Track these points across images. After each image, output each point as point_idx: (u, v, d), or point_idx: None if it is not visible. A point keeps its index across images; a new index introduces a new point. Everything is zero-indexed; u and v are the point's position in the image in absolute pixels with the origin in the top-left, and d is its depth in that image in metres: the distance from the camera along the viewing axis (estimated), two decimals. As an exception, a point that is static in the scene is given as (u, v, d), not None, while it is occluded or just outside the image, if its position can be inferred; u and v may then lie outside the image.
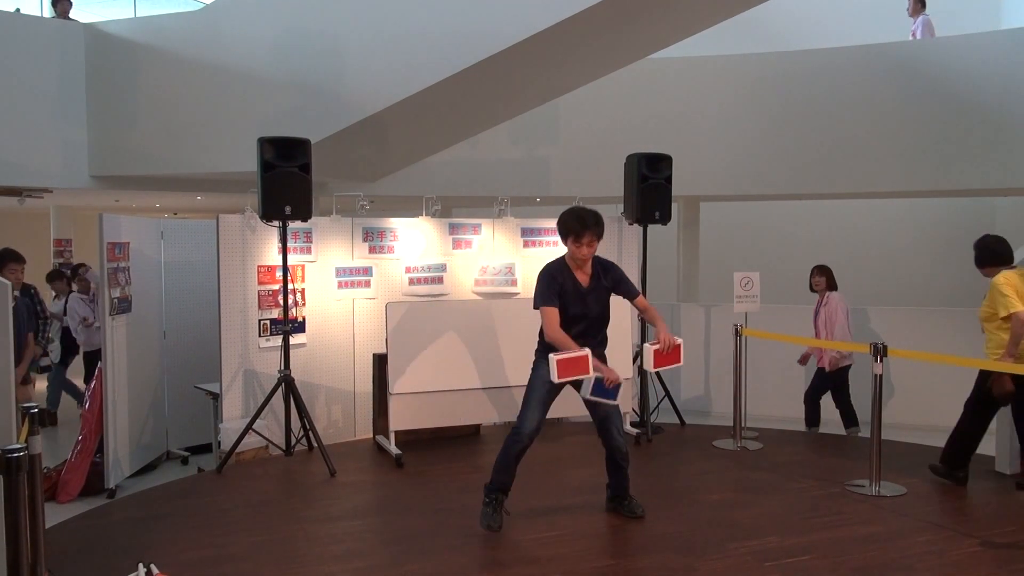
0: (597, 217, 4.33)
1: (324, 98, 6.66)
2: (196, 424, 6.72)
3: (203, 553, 4.18)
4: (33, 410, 3.27)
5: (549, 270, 4.40)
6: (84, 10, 10.42)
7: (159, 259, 6.67)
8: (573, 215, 4.32)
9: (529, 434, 4.33)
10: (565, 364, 4.09)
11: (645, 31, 5.99)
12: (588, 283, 4.41)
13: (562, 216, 4.38)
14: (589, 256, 4.36)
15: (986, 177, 8.90)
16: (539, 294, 4.34)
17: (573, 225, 4.29)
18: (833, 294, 6.73)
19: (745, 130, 9.55)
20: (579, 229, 4.27)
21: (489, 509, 4.39)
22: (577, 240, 4.29)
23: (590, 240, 4.30)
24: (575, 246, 4.31)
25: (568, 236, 4.32)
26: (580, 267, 4.40)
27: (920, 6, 10.16)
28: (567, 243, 4.35)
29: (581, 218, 4.28)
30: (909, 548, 4.17)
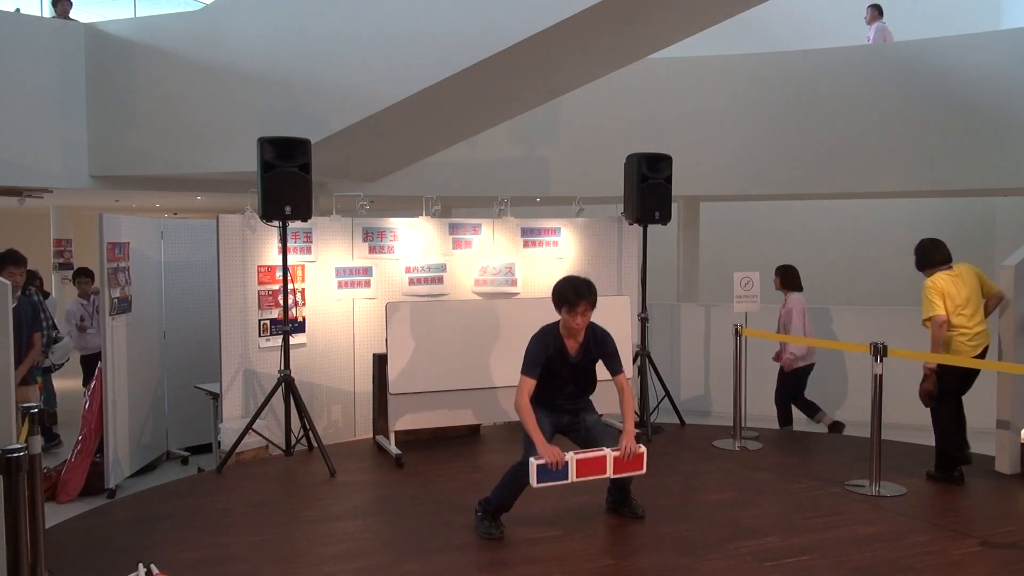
0: (591, 287, 4.29)
1: (324, 98, 6.66)
2: (196, 424, 6.72)
3: (203, 553, 4.18)
4: (33, 410, 3.27)
5: (541, 336, 4.37)
6: (84, 10, 10.43)
7: (159, 259, 6.67)
8: (568, 284, 4.28)
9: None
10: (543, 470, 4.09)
11: (645, 31, 5.99)
12: (576, 353, 4.38)
13: (557, 285, 4.34)
14: (583, 326, 4.32)
15: (986, 177, 8.90)
16: (525, 360, 4.33)
17: (568, 295, 4.25)
18: (793, 295, 6.75)
19: (745, 130, 9.56)
20: (574, 299, 4.23)
21: (486, 521, 4.40)
22: (571, 310, 4.24)
23: (584, 309, 4.25)
24: (569, 315, 4.25)
25: (562, 306, 4.27)
26: (572, 336, 4.36)
27: (877, 13, 10.35)
28: (560, 312, 4.31)
29: (575, 288, 4.25)
30: (909, 548, 4.17)
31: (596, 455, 4.21)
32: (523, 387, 4.27)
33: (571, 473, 4.14)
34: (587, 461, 4.18)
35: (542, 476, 4.10)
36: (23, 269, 6.10)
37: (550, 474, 4.10)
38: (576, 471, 4.14)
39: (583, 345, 4.38)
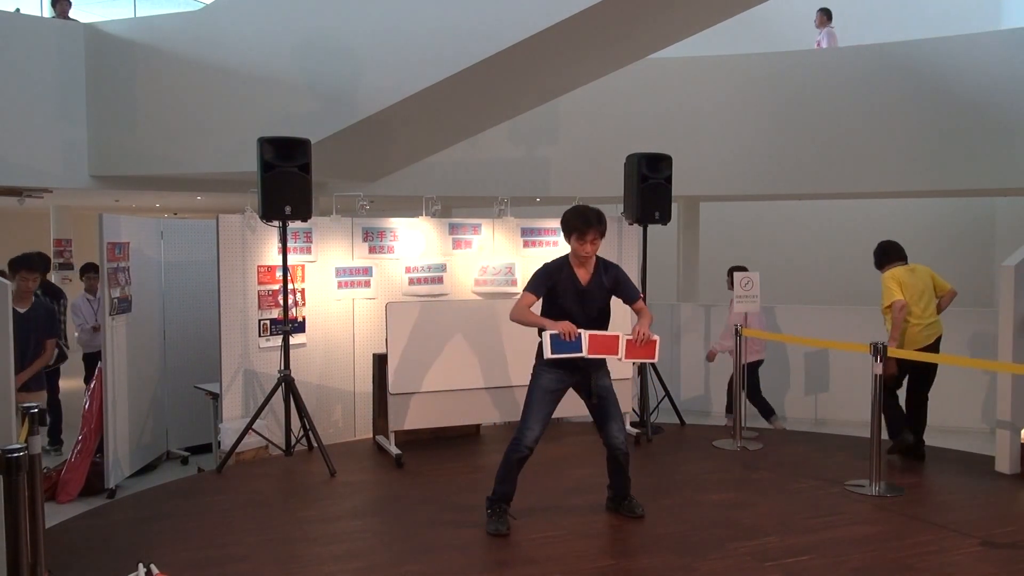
0: (600, 215, 4.36)
1: (324, 98, 6.66)
2: (196, 424, 6.72)
3: (203, 553, 4.18)
4: (33, 410, 3.27)
5: (547, 267, 4.45)
6: (84, 10, 10.42)
7: (159, 259, 6.67)
8: (576, 213, 4.36)
9: (529, 444, 4.34)
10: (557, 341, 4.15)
11: (645, 31, 5.99)
12: (588, 281, 4.42)
13: (565, 215, 4.41)
14: (592, 253, 4.38)
15: (986, 177, 8.90)
16: (531, 280, 4.41)
17: (576, 223, 4.32)
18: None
19: (745, 130, 9.56)
20: (582, 227, 4.30)
21: (494, 517, 4.41)
22: (581, 238, 4.32)
23: (593, 238, 4.33)
24: (579, 244, 4.34)
25: (572, 234, 4.36)
26: (582, 264, 4.42)
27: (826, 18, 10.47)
28: (570, 241, 4.38)
29: (584, 216, 4.32)
30: (909, 548, 4.17)
31: (609, 335, 4.25)
32: (522, 299, 4.35)
33: (584, 347, 4.17)
34: (600, 338, 4.23)
35: (556, 346, 4.14)
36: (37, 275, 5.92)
37: (564, 345, 4.15)
38: (588, 347, 4.19)
39: (594, 275, 4.42)
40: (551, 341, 4.15)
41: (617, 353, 4.28)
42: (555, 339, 4.15)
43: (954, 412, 7.26)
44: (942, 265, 12.97)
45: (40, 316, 5.70)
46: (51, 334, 5.74)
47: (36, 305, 5.74)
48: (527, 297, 4.35)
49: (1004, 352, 5.51)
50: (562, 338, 4.16)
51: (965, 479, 5.35)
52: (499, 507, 4.43)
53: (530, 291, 4.38)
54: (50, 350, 5.72)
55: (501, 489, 4.43)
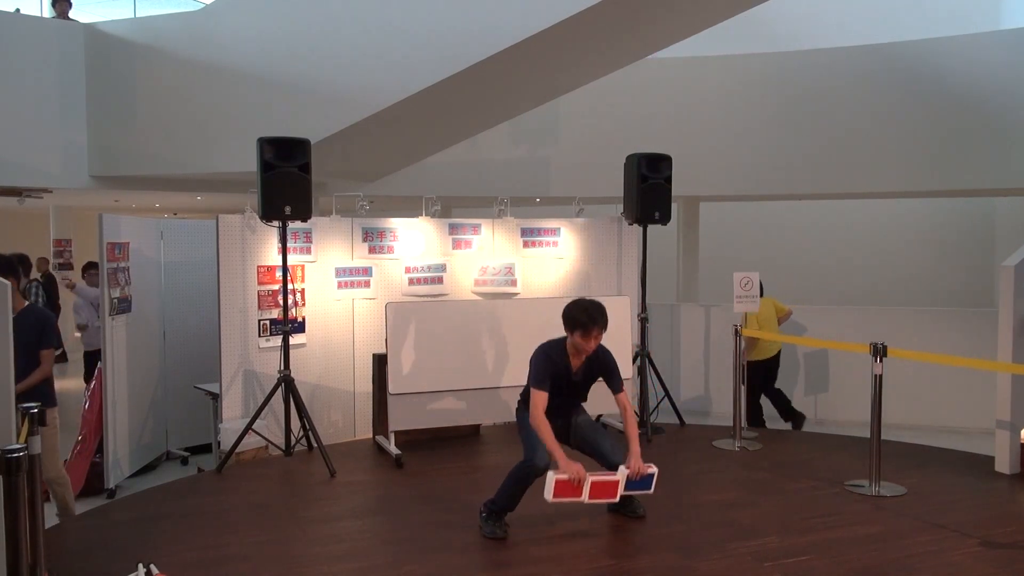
0: (602, 311, 4.35)
1: (324, 98, 6.66)
2: (196, 424, 6.73)
3: (203, 553, 4.18)
4: (33, 410, 3.27)
5: (547, 352, 4.42)
6: (84, 10, 10.42)
7: (159, 259, 6.67)
8: (581, 310, 4.32)
9: (542, 467, 4.32)
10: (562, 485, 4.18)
11: (645, 31, 5.98)
12: (578, 370, 4.45)
13: (569, 309, 4.38)
14: (594, 348, 4.40)
15: (986, 177, 8.90)
16: (535, 375, 4.38)
17: (582, 319, 4.30)
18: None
19: (745, 130, 9.56)
20: (588, 324, 4.29)
21: (491, 522, 4.40)
22: (585, 335, 4.30)
23: (597, 334, 4.32)
24: (583, 340, 4.31)
25: (576, 329, 4.32)
26: (577, 355, 4.42)
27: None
28: (573, 336, 4.35)
29: (590, 314, 4.30)
30: (909, 548, 4.17)
31: (609, 479, 4.28)
32: (537, 401, 4.31)
33: (585, 494, 4.22)
34: (601, 484, 4.27)
35: (559, 491, 4.19)
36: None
37: (567, 491, 4.20)
38: (590, 493, 4.23)
39: (585, 364, 4.45)
40: (555, 486, 4.17)
41: (616, 496, 4.33)
42: (560, 484, 4.17)
43: (954, 412, 7.27)
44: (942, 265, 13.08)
45: (29, 324, 4.83)
46: (45, 344, 4.93)
47: (26, 312, 4.89)
48: (541, 397, 4.31)
49: (1004, 352, 5.51)
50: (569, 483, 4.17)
51: (965, 479, 5.35)
52: (497, 514, 4.42)
53: (539, 387, 4.34)
54: (48, 362, 4.94)
55: (503, 503, 4.40)
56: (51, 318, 5.07)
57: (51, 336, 4.95)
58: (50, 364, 4.97)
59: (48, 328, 4.95)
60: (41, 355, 4.90)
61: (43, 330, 4.92)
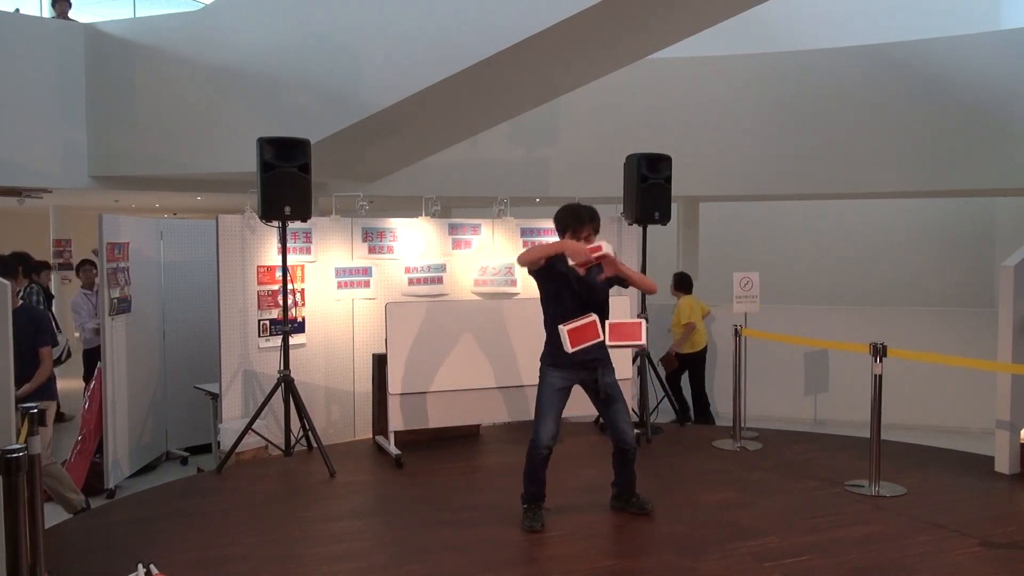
0: (593, 212, 4.45)
1: (324, 98, 6.66)
2: (196, 424, 6.73)
3: (203, 553, 4.18)
4: (33, 410, 3.27)
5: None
6: (83, 10, 10.41)
7: (159, 259, 6.67)
8: (569, 211, 4.44)
9: (547, 444, 4.38)
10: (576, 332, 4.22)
11: (646, 31, 5.98)
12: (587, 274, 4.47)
13: (558, 213, 4.49)
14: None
15: (986, 177, 8.90)
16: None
17: (570, 221, 4.41)
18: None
19: (745, 130, 9.56)
20: (576, 225, 4.40)
21: (529, 514, 4.47)
22: (576, 235, 4.40)
23: (588, 234, 4.41)
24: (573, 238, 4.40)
25: (566, 231, 4.43)
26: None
27: None
28: (565, 237, 4.43)
29: (578, 214, 4.41)
30: (909, 548, 4.17)
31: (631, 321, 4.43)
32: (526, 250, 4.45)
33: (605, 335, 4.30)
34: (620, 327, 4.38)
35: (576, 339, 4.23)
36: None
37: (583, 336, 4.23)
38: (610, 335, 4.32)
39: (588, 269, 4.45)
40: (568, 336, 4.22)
41: (641, 338, 4.39)
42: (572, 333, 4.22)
43: (954, 412, 7.27)
44: (942, 265, 13.07)
45: (23, 324, 4.77)
46: (43, 342, 4.98)
47: (19, 312, 4.79)
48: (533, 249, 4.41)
49: (1004, 352, 5.51)
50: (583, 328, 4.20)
51: (965, 479, 5.35)
52: (533, 505, 4.48)
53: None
54: (48, 360, 5.02)
55: (530, 490, 4.48)
56: (45, 316, 5.12)
57: (46, 334, 4.99)
58: (50, 361, 5.02)
59: (43, 326, 4.98)
60: (40, 353, 4.95)
61: (38, 329, 4.94)
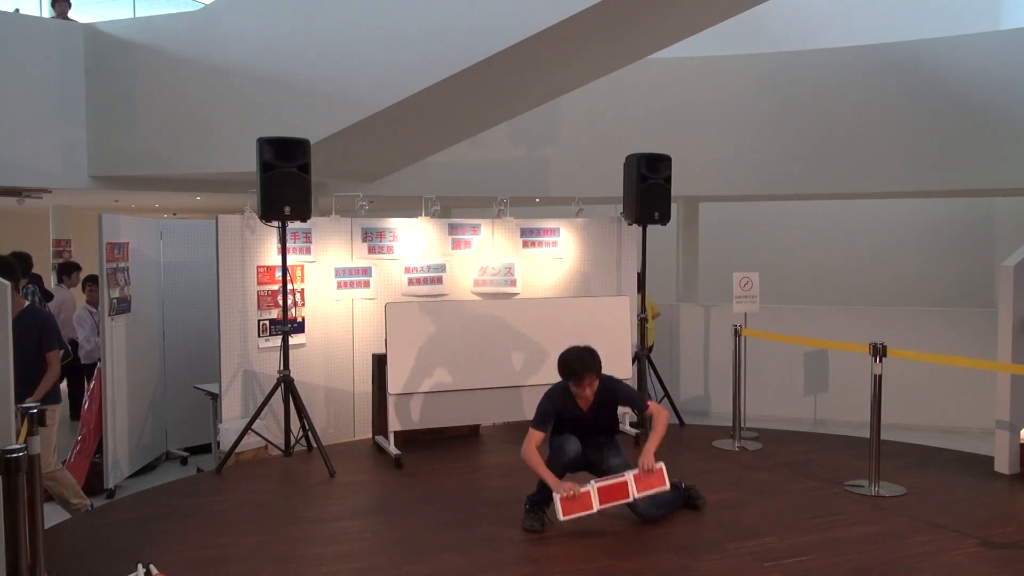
0: (593, 359, 4.39)
1: (324, 98, 6.66)
2: (195, 424, 6.72)
3: (202, 553, 4.17)
4: (32, 411, 3.27)
5: (551, 397, 4.51)
6: (83, 10, 10.41)
7: (158, 259, 6.67)
8: (568, 364, 4.39)
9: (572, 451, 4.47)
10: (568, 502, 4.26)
11: (646, 31, 5.99)
12: (589, 409, 4.51)
13: (560, 359, 4.44)
14: (591, 395, 4.46)
15: (985, 177, 8.90)
16: (536, 415, 4.50)
17: (567, 375, 4.41)
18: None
19: (745, 130, 9.56)
20: (581, 373, 4.36)
21: (530, 514, 4.48)
22: (578, 384, 4.39)
23: (590, 381, 4.40)
24: (577, 389, 4.42)
25: (569, 379, 4.42)
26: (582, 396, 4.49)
27: None
28: (568, 384, 4.45)
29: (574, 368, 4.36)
30: (909, 548, 4.17)
31: (616, 481, 4.37)
32: (530, 439, 4.45)
33: (595, 502, 4.30)
34: (608, 488, 4.35)
35: (567, 509, 4.26)
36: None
37: (574, 505, 4.27)
38: (599, 499, 4.32)
39: (595, 400, 4.50)
40: (562, 504, 4.25)
41: (628, 496, 4.37)
42: (564, 501, 4.25)
43: (954, 412, 7.27)
44: (942, 265, 13.07)
45: (29, 327, 4.76)
46: (49, 346, 4.87)
47: (24, 314, 4.79)
48: (535, 435, 4.43)
49: (1003, 352, 5.51)
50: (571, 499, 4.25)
51: (965, 479, 5.35)
52: (536, 507, 4.50)
53: (537, 428, 4.45)
54: (55, 364, 4.91)
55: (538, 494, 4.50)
56: (50, 318, 5.04)
57: (52, 337, 4.91)
58: (58, 365, 4.93)
59: (48, 329, 4.91)
60: (47, 357, 4.87)
61: (42, 331, 4.86)
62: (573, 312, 6.19)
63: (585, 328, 6.06)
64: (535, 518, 4.46)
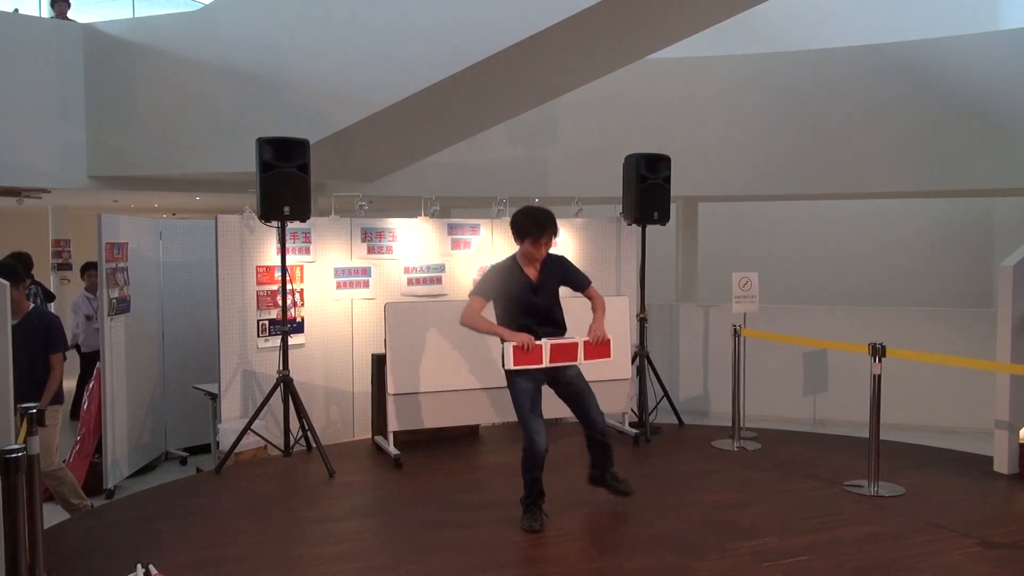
0: (552, 217, 4.44)
1: (324, 98, 6.66)
2: (195, 424, 6.72)
3: (202, 554, 4.17)
4: (32, 411, 3.27)
5: (496, 269, 4.55)
6: (82, 10, 10.41)
7: (158, 259, 6.67)
8: (530, 218, 4.40)
9: (542, 448, 4.37)
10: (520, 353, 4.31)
11: (645, 31, 5.98)
12: (537, 278, 4.51)
13: (517, 218, 4.45)
14: (545, 255, 4.50)
15: (985, 177, 8.90)
16: (478, 285, 4.54)
17: (531, 228, 4.39)
18: None
19: (745, 130, 9.56)
20: (537, 232, 4.38)
21: (528, 514, 4.48)
22: (536, 242, 4.40)
23: (548, 240, 4.42)
24: (534, 247, 4.42)
25: (526, 238, 4.42)
26: (531, 263, 4.52)
27: None
28: (524, 244, 4.45)
29: (539, 221, 4.39)
30: (909, 548, 4.17)
31: (568, 342, 4.42)
32: (471, 304, 4.42)
33: (545, 358, 4.35)
34: (559, 347, 4.40)
35: (518, 358, 4.31)
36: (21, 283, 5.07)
37: (525, 357, 4.31)
38: (550, 356, 4.37)
39: (542, 270, 4.51)
40: (513, 353, 4.29)
41: (576, 359, 4.44)
42: (517, 351, 4.29)
43: (953, 412, 7.27)
44: (941, 265, 13.06)
45: (36, 329, 4.88)
46: (55, 348, 4.95)
47: (31, 316, 4.90)
48: (477, 301, 4.43)
49: (1003, 352, 5.51)
50: (523, 349, 4.30)
51: (964, 479, 5.35)
52: (533, 506, 4.49)
53: (480, 295, 4.45)
54: (59, 366, 4.99)
55: (528, 491, 4.48)
56: (55, 320, 5.08)
57: (58, 339, 4.97)
58: (61, 367, 5.00)
59: (54, 331, 4.97)
60: (51, 360, 4.93)
61: (48, 333, 4.92)
62: (572, 312, 6.18)
63: (585, 328, 6.05)
64: (533, 518, 4.46)
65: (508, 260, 4.57)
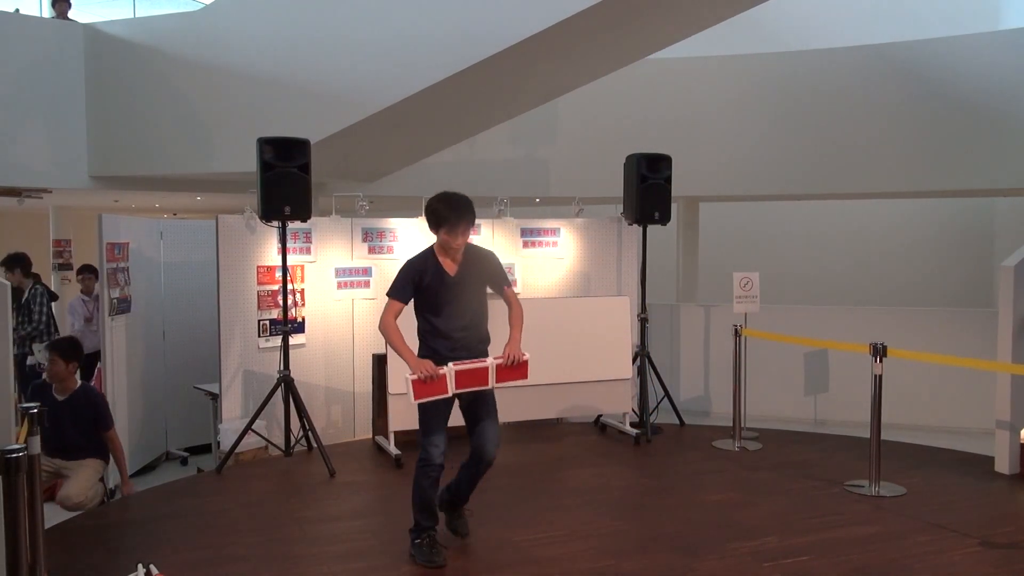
0: (470, 203, 3.95)
1: (324, 98, 6.66)
2: (195, 424, 6.73)
3: (202, 553, 4.18)
4: (32, 411, 3.27)
5: (411, 264, 4.04)
6: (83, 10, 10.41)
7: (158, 259, 6.67)
8: (446, 203, 3.92)
9: (439, 461, 4.06)
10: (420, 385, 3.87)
11: (645, 31, 5.98)
12: (456, 272, 4.03)
13: (432, 204, 3.97)
14: (463, 246, 4.01)
15: (986, 177, 8.90)
16: (393, 284, 4.02)
17: (447, 215, 3.90)
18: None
19: (745, 130, 9.56)
20: (455, 219, 3.89)
21: (425, 548, 4.02)
22: (452, 231, 3.90)
23: (465, 229, 3.92)
24: (449, 236, 3.92)
25: (442, 226, 3.92)
26: (450, 255, 4.03)
27: None
28: (439, 233, 3.95)
29: (456, 207, 3.90)
30: (909, 548, 4.17)
31: (477, 365, 3.92)
32: (388, 308, 3.97)
33: (451, 386, 3.90)
34: (468, 373, 3.92)
35: (420, 391, 3.86)
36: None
37: (428, 388, 3.86)
38: (456, 383, 3.91)
39: (463, 264, 4.04)
40: (414, 387, 3.85)
41: (487, 383, 3.97)
42: (418, 384, 3.85)
43: (954, 412, 7.27)
44: (941, 265, 13.06)
45: (82, 406, 5.04)
46: (107, 426, 5.11)
47: (77, 393, 5.06)
48: (393, 306, 3.98)
49: (1003, 352, 5.51)
50: (424, 381, 3.85)
51: (964, 479, 5.35)
52: (427, 537, 4.05)
53: (395, 297, 3.98)
54: (116, 439, 5.17)
55: (424, 520, 4.06)
56: (101, 398, 5.23)
57: (107, 418, 5.14)
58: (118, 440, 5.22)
59: (102, 409, 5.14)
60: (109, 437, 5.13)
61: (97, 410, 5.11)
62: (573, 312, 6.19)
63: (585, 328, 6.07)
64: (435, 550, 4.01)
65: (424, 252, 4.06)
